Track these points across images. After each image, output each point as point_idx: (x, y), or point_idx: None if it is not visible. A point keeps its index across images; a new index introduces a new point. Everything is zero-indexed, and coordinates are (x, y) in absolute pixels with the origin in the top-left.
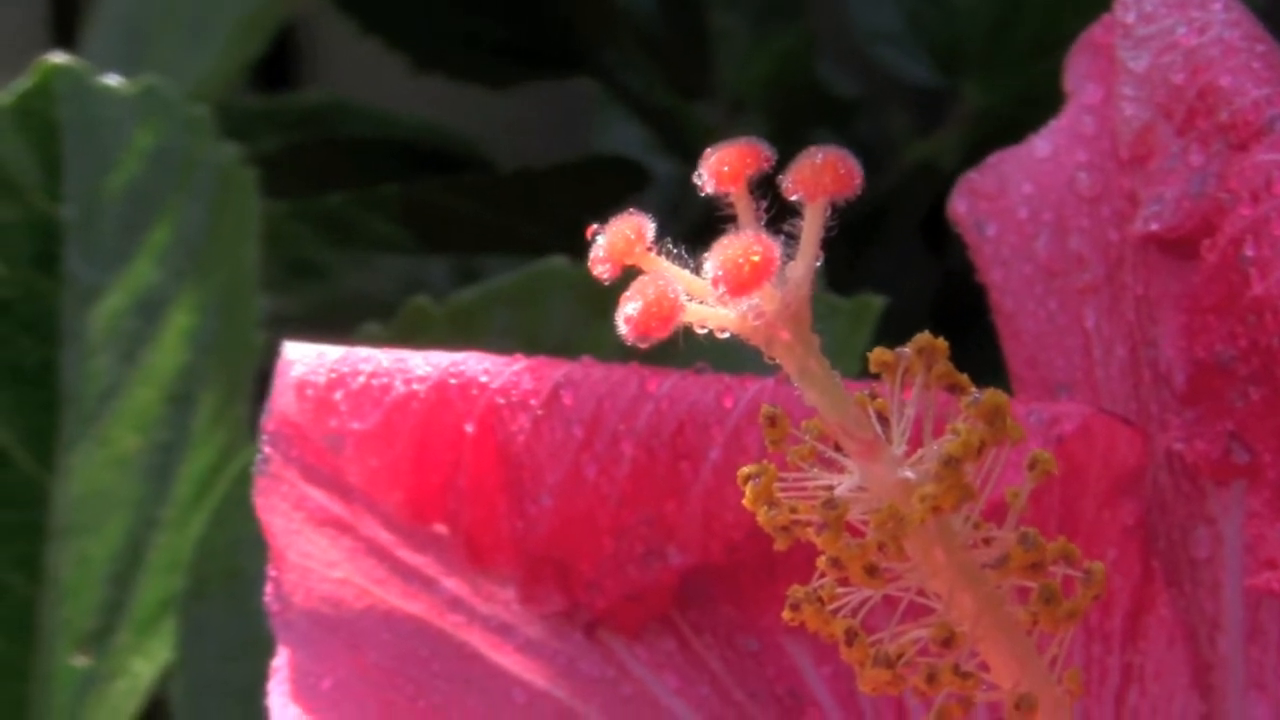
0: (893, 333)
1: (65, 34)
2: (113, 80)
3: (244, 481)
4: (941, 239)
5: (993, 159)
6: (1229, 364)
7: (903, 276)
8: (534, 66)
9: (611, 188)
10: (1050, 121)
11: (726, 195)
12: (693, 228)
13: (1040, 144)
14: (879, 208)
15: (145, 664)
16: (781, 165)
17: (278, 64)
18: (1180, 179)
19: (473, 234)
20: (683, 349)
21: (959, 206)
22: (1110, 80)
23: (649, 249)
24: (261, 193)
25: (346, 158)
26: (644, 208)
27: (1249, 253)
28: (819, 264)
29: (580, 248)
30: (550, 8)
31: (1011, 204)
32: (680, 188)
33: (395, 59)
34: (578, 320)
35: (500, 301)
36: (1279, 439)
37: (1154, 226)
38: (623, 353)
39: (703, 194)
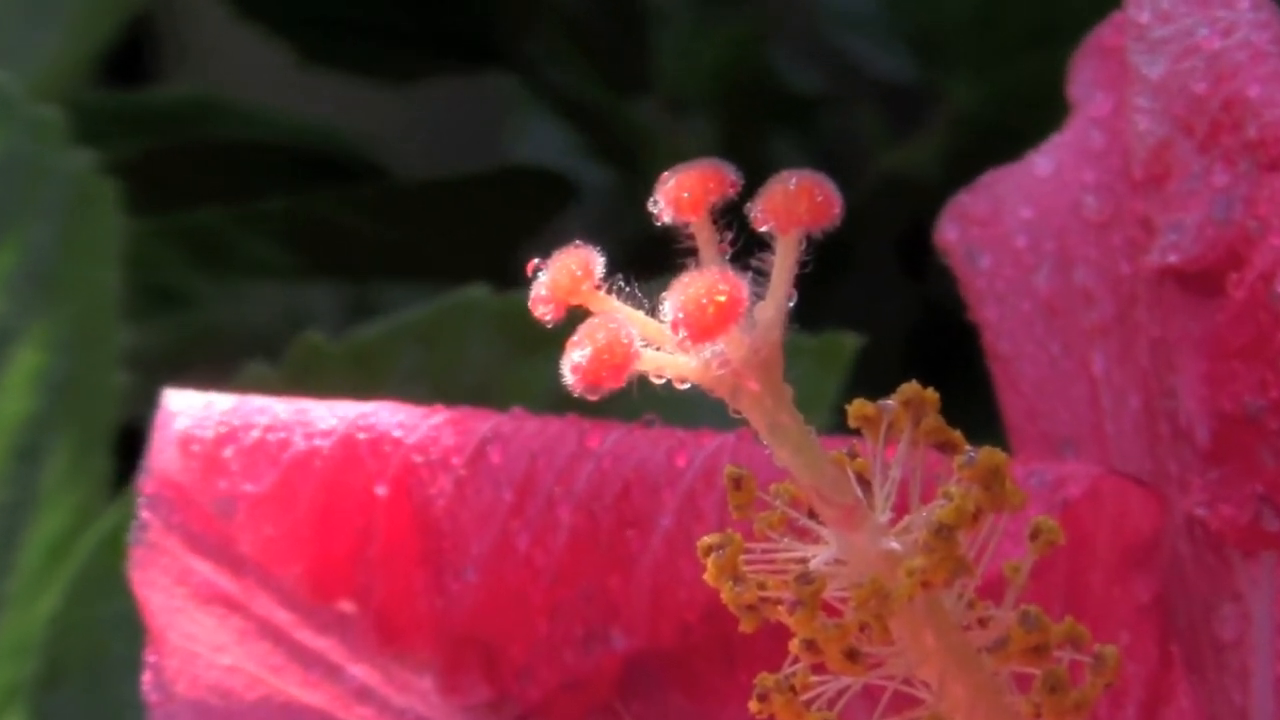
0: (862, 374)
1: None
2: None
3: (105, 549)
4: (920, 263)
5: (986, 178)
6: (1258, 416)
7: (874, 307)
8: (440, 59)
9: (532, 202)
10: (1048, 126)
11: (686, 225)
12: (628, 247)
13: (1041, 161)
14: (847, 225)
15: None
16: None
17: (134, 54)
18: (1202, 203)
19: (368, 257)
20: (636, 399)
21: (948, 233)
22: (1122, 88)
23: (597, 286)
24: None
25: (218, 166)
26: (571, 224)
27: None
28: (791, 304)
29: (499, 274)
30: None
31: (1008, 231)
32: (613, 199)
33: (276, 49)
34: (499, 360)
35: (408, 338)
36: None
37: (1172, 258)
38: (555, 400)
39: (657, 221)
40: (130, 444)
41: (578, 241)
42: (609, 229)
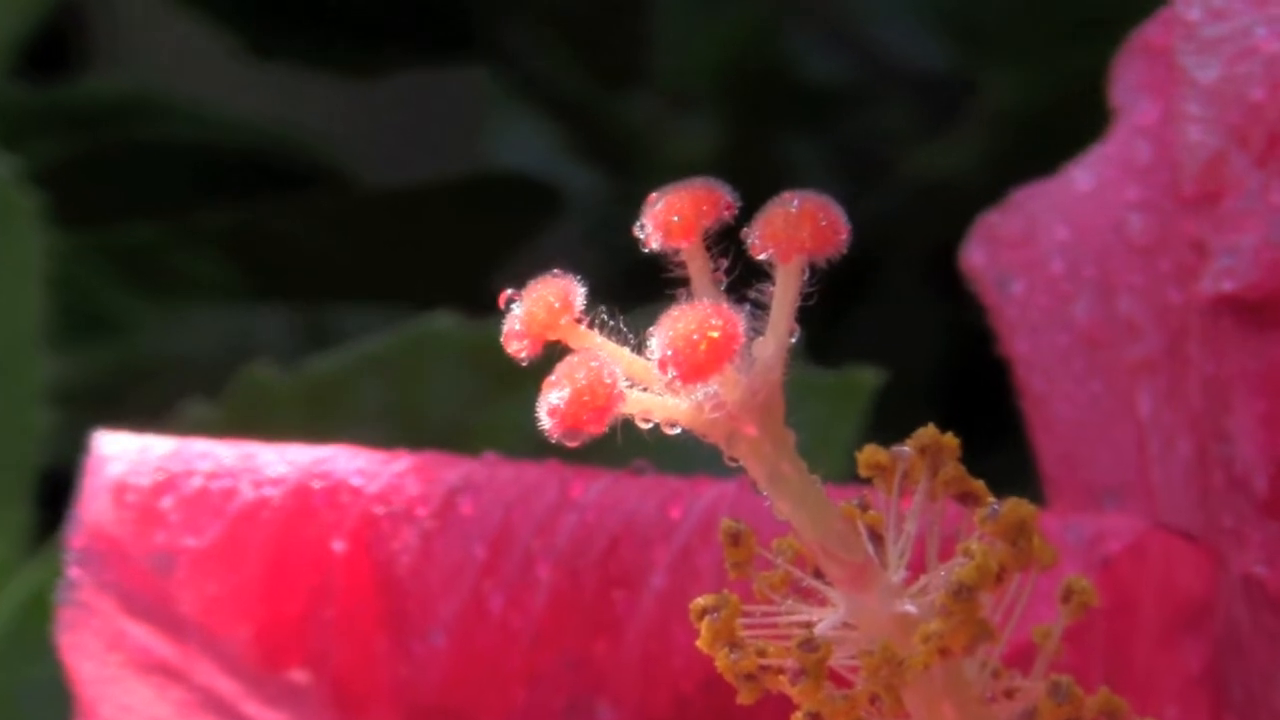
0: (889, 413)
1: None
2: None
3: (27, 609)
4: (957, 282)
5: (1019, 195)
6: None
7: (902, 334)
8: (406, 49)
9: (512, 213)
10: (1103, 125)
11: (676, 252)
12: (620, 263)
13: (1080, 175)
14: (872, 238)
15: None
16: (742, 187)
17: (57, 44)
18: (1260, 223)
19: (323, 277)
20: (620, 445)
21: (975, 256)
22: (1170, 94)
23: (578, 320)
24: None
25: (153, 172)
26: (556, 238)
27: None
28: (794, 338)
29: (472, 298)
30: None
31: (1043, 254)
32: (604, 209)
33: (219, 39)
34: (471, 398)
35: (369, 372)
36: None
37: (1227, 285)
38: (537, 445)
39: (645, 247)
40: (54, 490)
41: (554, 266)
42: (599, 243)
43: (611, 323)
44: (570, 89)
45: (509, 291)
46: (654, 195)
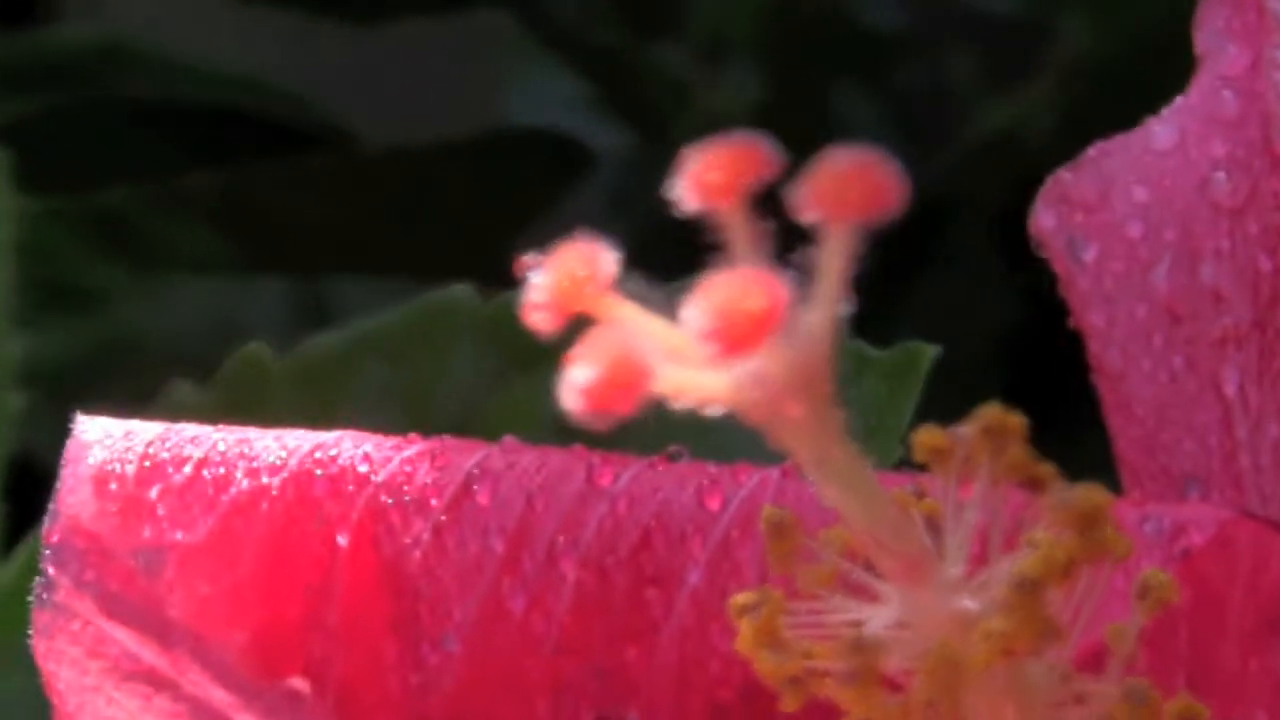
0: (950, 394)
1: None
2: None
3: (1, 615)
4: (1026, 249)
5: (1093, 152)
6: None
7: (966, 307)
8: None
9: (532, 174)
10: (1188, 77)
11: (714, 214)
12: (651, 229)
13: (1161, 131)
14: (934, 200)
15: None
16: (788, 145)
17: None
18: None
19: (323, 246)
20: (652, 428)
21: (1045, 219)
22: (1260, 40)
23: (607, 288)
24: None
25: (131, 130)
26: (581, 202)
27: None
28: (844, 309)
29: (488, 269)
30: None
31: (1119, 217)
32: (634, 169)
33: None
34: (488, 378)
35: (374, 350)
36: None
37: None
38: (557, 429)
39: (679, 209)
40: (24, 480)
41: (581, 231)
42: (628, 208)
43: (643, 292)
44: (598, 37)
45: (530, 258)
46: (688, 151)
